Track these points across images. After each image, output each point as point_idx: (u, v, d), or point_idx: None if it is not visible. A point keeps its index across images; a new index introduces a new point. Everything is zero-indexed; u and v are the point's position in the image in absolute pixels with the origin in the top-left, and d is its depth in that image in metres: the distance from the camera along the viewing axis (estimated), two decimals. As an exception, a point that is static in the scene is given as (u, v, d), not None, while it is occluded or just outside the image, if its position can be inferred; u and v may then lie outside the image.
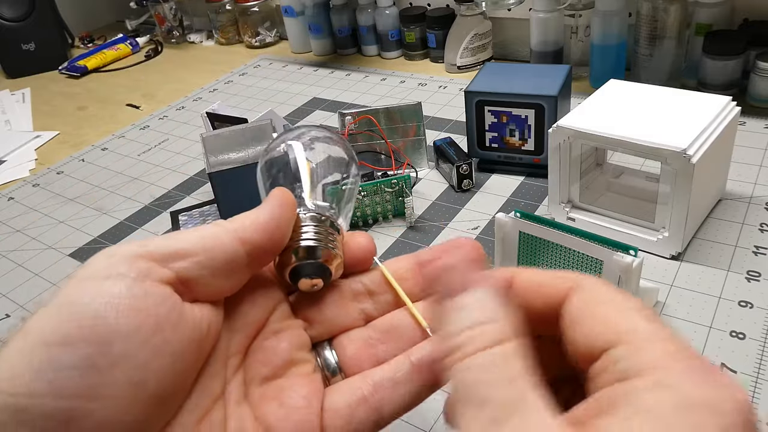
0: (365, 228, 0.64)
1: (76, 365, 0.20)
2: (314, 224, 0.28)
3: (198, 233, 0.25)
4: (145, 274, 0.23)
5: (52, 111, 1.12)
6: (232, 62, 1.20)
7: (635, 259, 0.41)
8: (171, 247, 0.24)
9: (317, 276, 0.27)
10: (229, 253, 0.25)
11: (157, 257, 0.23)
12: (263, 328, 0.27)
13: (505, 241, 0.48)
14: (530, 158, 0.68)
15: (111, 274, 0.22)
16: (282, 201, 0.27)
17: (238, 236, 0.25)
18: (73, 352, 0.20)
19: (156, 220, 0.73)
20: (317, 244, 0.27)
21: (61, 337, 0.20)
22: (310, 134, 0.34)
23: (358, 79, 1.03)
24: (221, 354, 0.26)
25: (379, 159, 0.71)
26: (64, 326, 0.21)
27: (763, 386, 0.42)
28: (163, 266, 0.23)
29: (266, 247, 0.26)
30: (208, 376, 0.25)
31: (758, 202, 0.60)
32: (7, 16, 1.24)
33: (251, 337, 0.27)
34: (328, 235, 0.28)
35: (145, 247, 0.23)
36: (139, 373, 0.21)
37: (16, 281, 0.65)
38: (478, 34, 0.98)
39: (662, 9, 0.77)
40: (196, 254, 0.24)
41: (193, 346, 0.24)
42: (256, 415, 0.25)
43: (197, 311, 0.24)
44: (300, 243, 0.27)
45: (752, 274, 0.51)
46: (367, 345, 0.28)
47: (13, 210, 0.80)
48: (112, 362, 0.21)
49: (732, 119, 0.54)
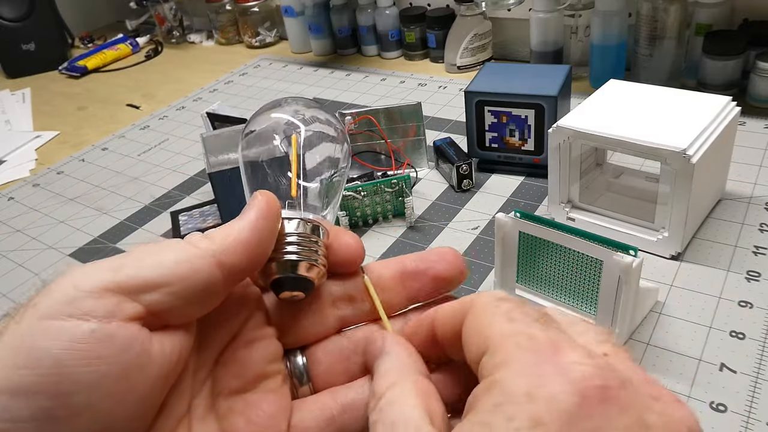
0: (365, 228, 0.64)
1: (33, 417, 0.19)
2: (298, 234, 0.26)
3: (173, 257, 0.23)
4: (113, 313, 0.21)
5: (52, 111, 1.12)
6: (232, 62, 1.20)
7: (635, 259, 0.41)
8: (143, 277, 0.22)
9: (298, 289, 0.26)
10: (206, 280, 0.23)
11: (127, 289, 0.21)
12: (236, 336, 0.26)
13: (505, 241, 0.48)
14: (530, 158, 0.68)
15: (74, 312, 0.20)
16: (266, 213, 0.25)
17: (216, 260, 0.23)
18: (29, 405, 0.19)
19: (156, 220, 0.73)
20: (300, 258, 0.26)
21: (15, 386, 0.19)
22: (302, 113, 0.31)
23: (358, 79, 1.03)
24: (190, 370, 0.25)
25: (379, 159, 0.71)
26: (19, 374, 0.19)
27: (763, 386, 0.42)
28: (134, 300, 0.21)
29: (246, 268, 0.24)
30: (175, 395, 0.24)
31: (758, 202, 0.60)
32: (7, 16, 1.24)
33: (222, 347, 0.26)
34: (312, 244, 0.27)
35: (116, 276, 0.21)
36: (102, 421, 0.20)
37: (16, 281, 0.65)
38: (478, 34, 0.98)
39: (662, 9, 0.77)
40: (170, 284, 0.22)
41: (160, 382, 0.22)
42: (221, 429, 0.25)
43: (167, 343, 0.23)
44: (283, 257, 0.26)
45: (752, 274, 0.51)
46: (341, 357, 0.27)
47: (13, 210, 0.80)
48: (73, 413, 0.20)
49: (732, 119, 0.54)
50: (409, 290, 0.27)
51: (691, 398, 0.42)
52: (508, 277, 0.50)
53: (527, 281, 0.49)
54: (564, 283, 0.46)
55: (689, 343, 0.46)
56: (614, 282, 0.42)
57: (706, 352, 0.45)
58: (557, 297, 0.48)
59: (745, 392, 0.42)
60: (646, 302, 0.49)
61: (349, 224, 0.62)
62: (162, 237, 0.69)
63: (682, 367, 0.44)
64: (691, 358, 0.45)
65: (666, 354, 0.45)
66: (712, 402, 0.41)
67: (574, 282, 0.46)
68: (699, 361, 0.44)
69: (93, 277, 0.21)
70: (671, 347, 0.46)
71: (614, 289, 0.42)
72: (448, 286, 0.28)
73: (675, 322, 0.48)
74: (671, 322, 0.48)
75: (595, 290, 0.44)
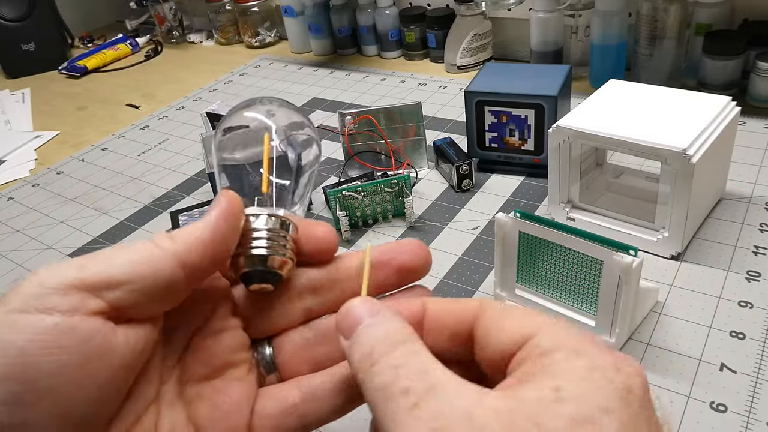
0: (365, 228, 0.64)
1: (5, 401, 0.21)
2: (266, 229, 0.27)
3: (137, 256, 0.24)
4: (76, 308, 0.22)
5: (52, 111, 1.12)
6: (232, 62, 1.20)
7: (635, 259, 0.41)
8: (106, 275, 0.23)
9: (267, 282, 0.27)
10: (168, 279, 0.24)
11: (90, 286, 0.23)
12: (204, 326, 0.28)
13: (505, 241, 0.48)
14: (530, 158, 0.68)
15: (39, 307, 0.22)
16: (227, 212, 0.26)
17: (178, 260, 0.24)
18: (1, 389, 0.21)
19: (156, 220, 0.73)
20: (268, 253, 0.27)
21: None
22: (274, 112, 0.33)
23: (358, 79, 1.03)
24: (158, 358, 0.26)
25: (379, 159, 0.71)
26: None
27: (763, 386, 0.42)
28: (97, 296, 0.23)
29: (208, 267, 0.25)
30: (143, 382, 0.25)
31: (758, 202, 0.60)
32: (7, 16, 1.24)
33: (190, 336, 0.27)
34: (280, 238, 0.28)
35: (81, 273, 0.23)
36: (65, 404, 0.22)
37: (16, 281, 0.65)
38: (478, 34, 0.98)
39: (662, 9, 0.77)
40: (132, 282, 0.23)
41: (123, 371, 0.24)
42: (188, 414, 0.26)
43: (131, 335, 0.24)
44: (251, 251, 0.27)
45: (752, 274, 0.51)
46: (305, 347, 0.29)
47: (13, 210, 0.80)
48: (38, 397, 0.21)
49: (732, 119, 0.54)
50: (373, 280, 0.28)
51: (691, 398, 0.42)
52: (508, 277, 0.50)
53: (527, 281, 0.49)
54: (564, 283, 0.46)
55: (689, 343, 0.46)
56: (614, 282, 0.42)
57: (706, 352, 0.45)
58: (557, 297, 0.47)
59: (746, 392, 0.42)
60: (646, 302, 0.49)
61: (349, 224, 0.62)
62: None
63: (682, 367, 0.44)
64: (692, 358, 0.45)
65: (666, 354, 0.45)
66: (713, 402, 0.41)
67: (574, 282, 0.46)
68: (699, 361, 0.44)
69: (59, 275, 0.23)
70: (671, 347, 0.46)
71: (614, 289, 0.42)
72: (412, 276, 0.29)
73: (675, 322, 0.48)
74: (671, 322, 0.48)
75: (595, 290, 0.44)
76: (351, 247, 0.62)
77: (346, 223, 0.62)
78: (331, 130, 0.79)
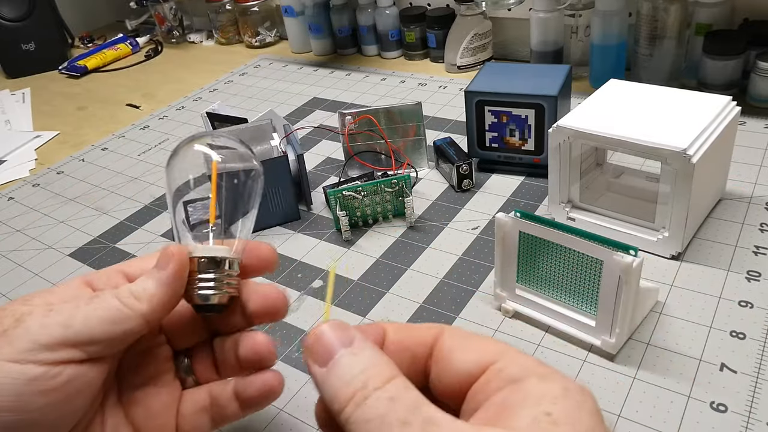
0: (365, 228, 0.64)
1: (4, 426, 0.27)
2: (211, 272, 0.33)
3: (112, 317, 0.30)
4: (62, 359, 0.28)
5: (52, 111, 1.12)
6: (232, 62, 1.20)
7: (635, 259, 0.41)
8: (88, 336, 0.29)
9: (213, 312, 0.34)
10: (136, 333, 0.31)
11: (75, 343, 0.29)
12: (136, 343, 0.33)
13: (505, 241, 0.48)
14: (530, 158, 0.68)
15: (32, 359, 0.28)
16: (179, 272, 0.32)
17: (145, 320, 0.31)
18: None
19: (156, 220, 0.73)
20: (213, 293, 0.33)
21: None
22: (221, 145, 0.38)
23: (358, 79, 1.03)
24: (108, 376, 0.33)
25: (379, 159, 0.71)
26: None
27: (763, 386, 0.42)
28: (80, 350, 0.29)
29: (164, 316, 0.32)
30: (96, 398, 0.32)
31: (758, 202, 0.60)
32: (7, 16, 1.24)
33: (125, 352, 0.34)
34: (225, 277, 0.34)
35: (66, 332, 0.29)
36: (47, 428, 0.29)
37: (16, 281, 0.65)
38: (478, 34, 0.98)
39: (662, 9, 0.77)
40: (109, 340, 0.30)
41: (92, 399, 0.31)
42: (127, 416, 0.33)
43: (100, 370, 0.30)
44: (197, 293, 0.33)
45: (752, 274, 0.51)
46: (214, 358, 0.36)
47: (13, 210, 0.80)
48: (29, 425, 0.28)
49: (732, 119, 0.54)
50: None
51: (692, 398, 0.42)
52: (508, 277, 0.50)
53: (527, 281, 0.49)
54: (564, 283, 0.46)
55: (689, 343, 0.46)
56: (614, 282, 0.42)
57: (706, 352, 0.45)
58: (557, 297, 0.47)
59: (746, 392, 0.42)
60: (647, 302, 0.49)
61: (349, 224, 0.62)
62: (162, 237, 0.69)
63: (682, 367, 0.44)
64: (692, 358, 0.45)
65: (666, 354, 0.45)
66: (713, 402, 0.41)
67: (575, 282, 0.46)
68: (699, 361, 0.44)
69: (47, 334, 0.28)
70: (671, 347, 0.46)
71: (614, 289, 0.42)
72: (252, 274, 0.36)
73: (675, 322, 0.48)
74: (671, 322, 0.48)
75: (595, 290, 0.44)
76: (351, 247, 0.62)
77: (346, 223, 0.62)
78: (331, 130, 0.79)
